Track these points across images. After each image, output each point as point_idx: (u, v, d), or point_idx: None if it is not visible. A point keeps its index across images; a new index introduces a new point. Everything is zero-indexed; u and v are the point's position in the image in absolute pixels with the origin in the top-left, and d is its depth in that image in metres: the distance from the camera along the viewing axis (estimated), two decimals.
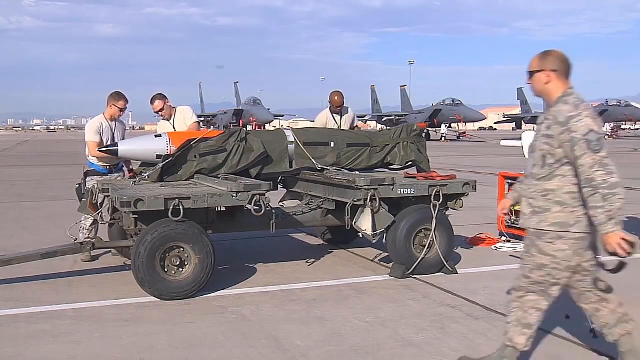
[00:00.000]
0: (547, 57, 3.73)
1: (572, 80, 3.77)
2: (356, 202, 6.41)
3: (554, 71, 3.69)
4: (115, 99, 7.45)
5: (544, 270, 3.72)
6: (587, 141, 3.48)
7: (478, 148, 39.82)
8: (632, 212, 10.40)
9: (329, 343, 4.64)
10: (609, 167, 3.49)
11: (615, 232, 3.50)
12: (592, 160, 3.48)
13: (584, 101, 3.66)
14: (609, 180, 3.49)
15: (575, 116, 3.53)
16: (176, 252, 5.79)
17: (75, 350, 4.52)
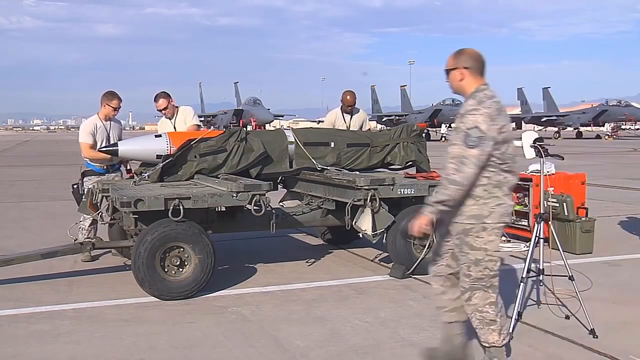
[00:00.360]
0: (460, 56, 3.83)
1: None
2: (356, 202, 6.41)
3: (466, 68, 3.78)
4: (109, 98, 7.43)
5: (480, 265, 3.80)
6: (466, 135, 3.60)
7: None
8: (632, 212, 10.41)
9: (329, 343, 4.64)
10: (464, 166, 3.60)
11: (425, 215, 3.72)
12: (457, 152, 3.62)
13: (494, 98, 3.72)
14: (452, 176, 3.63)
15: (472, 110, 3.65)
16: (176, 252, 5.79)
17: (75, 350, 4.52)
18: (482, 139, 3.58)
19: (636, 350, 4.41)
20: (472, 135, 3.58)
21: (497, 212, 3.74)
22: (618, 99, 61.94)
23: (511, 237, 8.30)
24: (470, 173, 3.61)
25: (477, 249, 3.77)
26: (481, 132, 3.58)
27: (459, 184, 3.63)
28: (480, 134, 3.57)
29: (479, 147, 3.58)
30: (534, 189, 8.00)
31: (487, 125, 3.59)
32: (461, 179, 3.62)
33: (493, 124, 3.61)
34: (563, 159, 5.93)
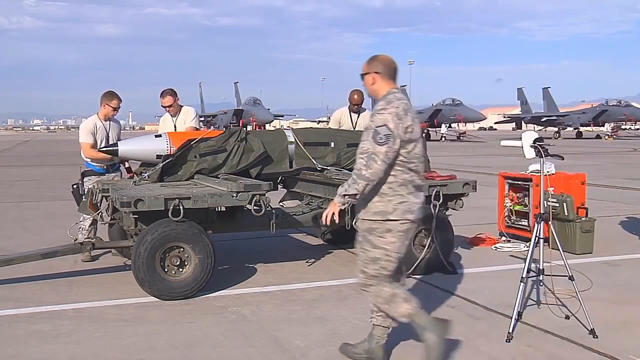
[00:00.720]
0: (372, 62, 4.04)
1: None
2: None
3: (377, 73, 4.00)
4: (109, 98, 7.44)
5: (377, 264, 3.95)
6: (375, 132, 3.79)
7: (478, 148, 39.83)
8: (632, 212, 10.41)
9: (329, 343, 4.63)
10: (372, 162, 3.76)
11: (336, 204, 3.88)
12: (367, 147, 3.79)
13: (403, 100, 3.92)
14: (363, 172, 3.78)
15: (381, 110, 3.85)
16: (176, 252, 5.79)
17: (75, 350, 4.52)
18: (390, 136, 3.77)
19: (636, 350, 4.41)
20: (381, 133, 3.77)
21: (400, 210, 3.90)
22: (618, 99, 61.94)
23: (511, 237, 8.31)
24: (378, 169, 3.78)
25: (378, 248, 3.93)
26: (389, 130, 3.77)
27: (368, 180, 3.79)
28: (388, 132, 3.77)
29: (387, 144, 3.76)
30: (534, 189, 8.01)
31: (394, 123, 3.79)
32: (370, 174, 3.78)
33: (400, 123, 3.81)
34: (563, 159, 5.93)
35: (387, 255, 3.94)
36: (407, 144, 3.86)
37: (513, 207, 8.39)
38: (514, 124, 77.71)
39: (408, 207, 3.92)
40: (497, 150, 32.14)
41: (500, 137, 21.68)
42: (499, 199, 8.67)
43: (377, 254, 3.94)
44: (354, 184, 3.81)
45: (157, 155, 6.74)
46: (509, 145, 6.63)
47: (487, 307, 5.47)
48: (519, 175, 8.50)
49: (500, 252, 7.86)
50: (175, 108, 7.84)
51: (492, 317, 5.22)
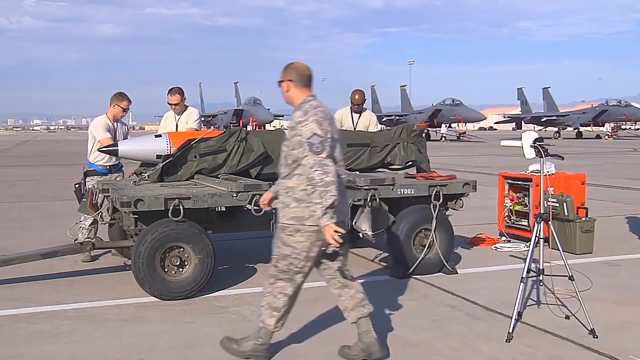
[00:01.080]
0: (286, 69, 4.18)
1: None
2: (356, 202, 6.41)
3: (291, 81, 4.14)
4: (119, 98, 7.46)
5: (287, 259, 4.11)
6: (310, 144, 3.88)
7: (478, 148, 39.82)
8: (632, 212, 10.41)
9: (329, 343, 4.63)
10: (326, 167, 3.85)
11: (329, 225, 3.85)
12: (312, 161, 3.86)
13: (319, 107, 4.02)
14: (324, 179, 3.83)
15: (302, 121, 3.95)
16: (176, 252, 5.79)
17: (75, 350, 4.52)
18: (323, 142, 3.90)
19: (636, 350, 4.41)
20: (315, 142, 3.88)
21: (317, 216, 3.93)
22: (618, 99, 61.96)
23: (511, 237, 8.31)
24: (334, 169, 3.90)
25: (288, 246, 4.10)
26: (319, 136, 3.90)
27: (334, 182, 3.87)
28: (320, 139, 3.90)
29: (324, 150, 3.89)
30: (534, 189, 8.01)
31: (322, 130, 3.92)
32: (332, 177, 3.87)
33: (322, 129, 3.94)
34: (563, 159, 5.93)
35: (296, 254, 4.10)
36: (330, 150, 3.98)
37: (513, 207, 8.39)
38: (514, 124, 77.74)
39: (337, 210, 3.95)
40: (497, 150, 32.15)
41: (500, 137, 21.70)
42: (499, 199, 8.67)
43: (287, 251, 4.11)
44: (326, 194, 3.83)
45: (157, 155, 6.74)
46: (509, 145, 6.63)
47: (487, 307, 5.47)
48: (519, 175, 8.50)
49: (500, 252, 7.86)
50: (181, 107, 7.88)
51: (492, 317, 5.22)
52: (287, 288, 4.20)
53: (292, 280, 4.19)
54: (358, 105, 8.34)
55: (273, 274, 4.22)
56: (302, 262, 4.14)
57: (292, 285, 4.21)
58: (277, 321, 4.24)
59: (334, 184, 3.84)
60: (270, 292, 4.23)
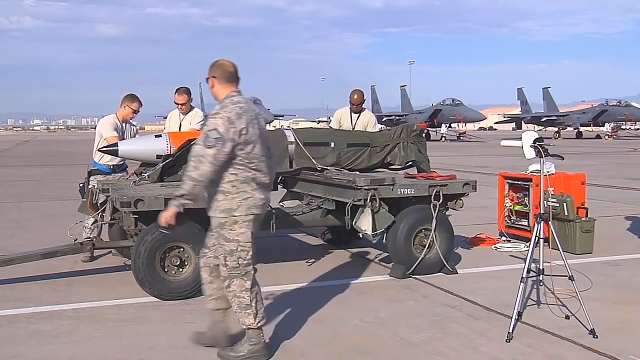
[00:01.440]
0: (211, 66, 4.29)
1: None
2: (356, 202, 6.41)
3: (214, 77, 4.26)
4: (130, 100, 7.47)
5: (234, 255, 4.20)
6: (206, 135, 4.02)
7: (478, 148, 39.83)
8: (632, 212, 10.41)
9: (329, 343, 4.64)
10: (202, 165, 3.98)
11: (171, 208, 4.08)
12: (198, 149, 4.01)
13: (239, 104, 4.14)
14: (191, 172, 4.01)
15: (214, 114, 4.09)
16: (176, 252, 5.79)
17: (75, 350, 4.52)
18: (219, 140, 3.97)
19: (636, 350, 4.41)
20: (211, 137, 3.99)
21: (245, 205, 4.15)
22: (618, 99, 61.96)
23: (511, 237, 8.31)
24: (206, 170, 3.99)
25: (231, 241, 4.18)
26: (219, 133, 3.98)
27: (195, 180, 4.00)
28: (217, 136, 3.98)
29: (215, 147, 3.97)
30: (534, 189, 8.01)
31: (225, 127, 4.00)
32: (197, 175, 3.99)
33: (232, 127, 4.02)
34: (563, 159, 5.93)
35: (241, 246, 4.21)
36: (244, 146, 4.09)
37: (513, 207, 8.39)
38: (514, 124, 77.74)
39: (253, 202, 4.17)
40: (497, 150, 32.15)
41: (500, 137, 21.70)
42: (499, 199, 8.67)
43: (232, 246, 4.19)
44: (183, 185, 4.04)
45: (157, 155, 6.74)
46: (509, 145, 6.63)
47: (487, 307, 5.47)
48: (519, 175, 8.50)
49: (500, 252, 7.86)
50: (187, 107, 7.91)
51: (492, 317, 5.22)
52: (245, 283, 4.25)
53: (246, 274, 4.26)
54: (357, 105, 8.34)
55: (225, 275, 4.25)
56: (249, 252, 4.26)
57: (247, 277, 4.26)
58: (255, 316, 4.26)
59: (194, 182, 4.00)
60: (233, 295, 4.26)
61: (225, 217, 4.15)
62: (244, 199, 4.15)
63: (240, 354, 4.27)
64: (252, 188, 4.16)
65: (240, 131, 4.04)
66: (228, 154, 4.03)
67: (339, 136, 7.63)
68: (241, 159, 4.11)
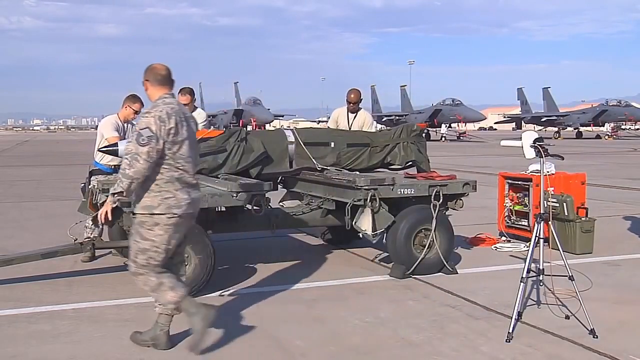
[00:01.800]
0: (146, 70, 4.46)
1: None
2: (356, 202, 6.41)
3: (147, 80, 4.43)
4: (132, 100, 7.47)
5: (146, 254, 4.31)
6: (139, 134, 4.16)
7: (478, 148, 39.83)
8: (632, 212, 10.41)
9: (329, 343, 4.64)
10: (136, 162, 4.12)
11: (108, 203, 4.30)
12: (132, 148, 4.16)
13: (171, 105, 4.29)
14: (126, 170, 4.15)
15: (146, 113, 4.28)
16: None
17: (75, 350, 4.52)
18: (152, 137, 4.13)
19: (636, 350, 4.41)
20: (144, 135, 4.13)
21: (166, 204, 4.26)
22: (618, 99, 61.95)
23: (511, 237, 8.31)
24: (141, 167, 4.13)
25: (146, 240, 4.29)
26: (151, 132, 4.14)
27: (131, 178, 4.14)
28: (150, 134, 4.13)
29: (149, 145, 4.12)
30: (534, 189, 8.01)
31: (157, 126, 4.15)
32: (133, 173, 4.13)
33: (162, 125, 4.17)
34: (563, 159, 5.93)
35: (155, 247, 4.29)
36: (172, 145, 4.24)
37: (513, 207, 8.39)
38: (514, 124, 77.72)
39: (175, 202, 4.26)
40: (497, 150, 32.14)
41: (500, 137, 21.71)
42: (499, 199, 8.67)
43: (146, 245, 4.29)
44: (120, 182, 4.17)
45: None
46: (509, 145, 6.63)
47: (487, 307, 5.47)
48: (519, 175, 8.50)
49: (500, 252, 7.86)
50: (190, 107, 7.97)
51: (492, 317, 5.22)
52: (150, 280, 4.37)
53: (153, 271, 4.37)
54: (353, 104, 8.30)
55: (133, 271, 4.40)
56: (162, 254, 4.33)
57: (154, 271, 4.37)
58: (171, 289, 4.35)
59: (130, 179, 4.13)
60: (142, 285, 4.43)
61: (146, 216, 4.27)
62: (165, 198, 4.27)
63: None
64: (175, 188, 4.27)
65: (169, 130, 4.20)
66: (160, 151, 4.19)
67: (339, 136, 7.63)
68: (168, 158, 4.26)
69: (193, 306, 4.36)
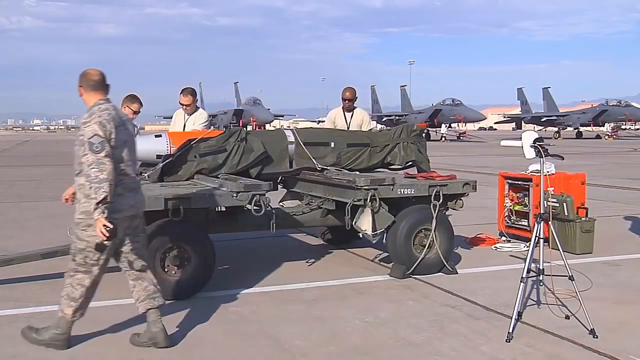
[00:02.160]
0: (80, 76, 4.54)
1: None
2: (356, 202, 6.41)
3: (81, 86, 4.50)
4: (130, 100, 7.49)
5: (83, 253, 4.40)
6: (90, 143, 4.19)
7: (478, 148, 39.82)
8: (632, 212, 10.42)
9: (329, 343, 4.64)
10: (102, 166, 4.15)
11: (99, 219, 4.13)
12: (91, 159, 4.17)
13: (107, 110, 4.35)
14: (99, 176, 4.14)
15: (87, 122, 4.29)
16: (176, 252, 5.79)
17: (75, 350, 4.52)
18: (103, 142, 4.21)
19: (636, 350, 4.42)
20: (95, 142, 4.19)
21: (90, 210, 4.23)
22: (618, 99, 61.95)
23: (511, 237, 8.31)
24: (109, 168, 4.18)
25: (82, 240, 4.38)
26: (100, 137, 4.21)
27: (108, 180, 4.15)
28: (100, 139, 4.20)
29: (104, 149, 4.19)
30: (534, 189, 8.01)
31: (102, 131, 4.23)
32: (107, 175, 4.16)
33: (105, 130, 4.25)
34: (563, 159, 5.93)
35: (90, 247, 4.37)
36: (112, 150, 4.27)
37: (513, 207, 8.39)
38: (514, 124, 77.72)
39: (114, 207, 4.25)
40: (497, 150, 32.14)
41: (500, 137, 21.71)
42: (499, 199, 8.67)
43: (82, 245, 4.39)
44: (99, 190, 4.11)
45: (157, 155, 6.74)
46: (509, 145, 6.63)
47: (487, 307, 5.47)
48: (519, 175, 8.50)
49: (500, 252, 7.86)
50: (192, 108, 8.00)
51: (492, 317, 5.22)
52: (85, 280, 4.47)
53: (89, 273, 4.46)
54: (349, 101, 8.24)
55: (72, 267, 4.48)
56: (97, 254, 4.40)
57: (90, 277, 4.47)
58: (74, 311, 4.48)
59: (107, 181, 4.12)
60: (69, 283, 4.49)
61: (83, 219, 4.33)
62: None
63: (41, 338, 4.50)
64: (116, 193, 4.27)
65: (109, 135, 4.28)
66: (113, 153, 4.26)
67: (339, 136, 7.63)
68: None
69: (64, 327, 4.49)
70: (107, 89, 4.53)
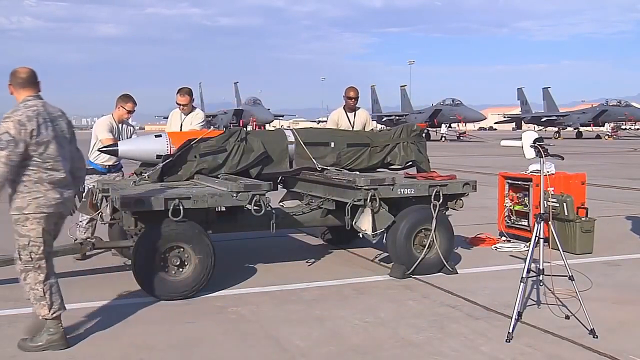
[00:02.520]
0: (10, 75, 4.58)
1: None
2: (356, 202, 6.41)
3: (10, 84, 4.56)
4: (124, 100, 7.48)
5: (27, 249, 4.45)
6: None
7: (478, 148, 39.82)
8: (632, 212, 10.42)
9: (329, 343, 4.64)
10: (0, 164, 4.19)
11: None
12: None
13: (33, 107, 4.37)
14: None
15: (5, 118, 4.32)
16: (176, 252, 5.79)
17: (75, 350, 4.52)
18: (12, 141, 4.22)
19: (636, 350, 4.42)
20: (3, 139, 4.22)
21: (35, 204, 4.39)
22: (618, 99, 61.94)
23: (511, 237, 8.31)
24: (1, 171, 4.21)
25: (23, 236, 4.44)
26: (10, 136, 4.22)
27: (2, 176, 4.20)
28: (9, 138, 4.22)
29: (8, 149, 4.21)
30: (534, 189, 8.01)
31: (16, 129, 4.25)
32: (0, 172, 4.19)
33: (23, 129, 4.27)
34: (563, 159, 5.93)
35: (32, 241, 4.43)
36: (37, 147, 4.33)
37: (513, 207, 8.39)
38: (514, 124, 77.71)
39: (44, 201, 4.39)
40: (497, 150, 32.14)
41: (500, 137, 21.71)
42: (499, 199, 8.67)
43: (24, 241, 4.44)
44: None
45: (157, 155, 6.74)
46: (509, 145, 6.63)
47: (487, 307, 5.47)
48: (519, 175, 8.50)
49: (500, 252, 7.86)
50: (189, 108, 8.00)
51: (492, 317, 5.22)
52: (39, 276, 4.48)
53: (39, 268, 4.48)
54: (353, 100, 8.26)
55: (21, 268, 4.51)
56: (41, 247, 4.45)
57: (41, 271, 4.49)
58: (49, 307, 4.48)
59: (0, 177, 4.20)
60: (28, 286, 4.50)
61: (17, 215, 4.40)
62: (35, 198, 4.38)
63: (39, 343, 4.46)
64: (45, 188, 4.38)
65: (31, 132, 4.29)
66: (22, 154, 4.27)
67: (339, 136, 7.63)
68: (35, 159, 4.36)
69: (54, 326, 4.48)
70: (37, 85, 4.56)
